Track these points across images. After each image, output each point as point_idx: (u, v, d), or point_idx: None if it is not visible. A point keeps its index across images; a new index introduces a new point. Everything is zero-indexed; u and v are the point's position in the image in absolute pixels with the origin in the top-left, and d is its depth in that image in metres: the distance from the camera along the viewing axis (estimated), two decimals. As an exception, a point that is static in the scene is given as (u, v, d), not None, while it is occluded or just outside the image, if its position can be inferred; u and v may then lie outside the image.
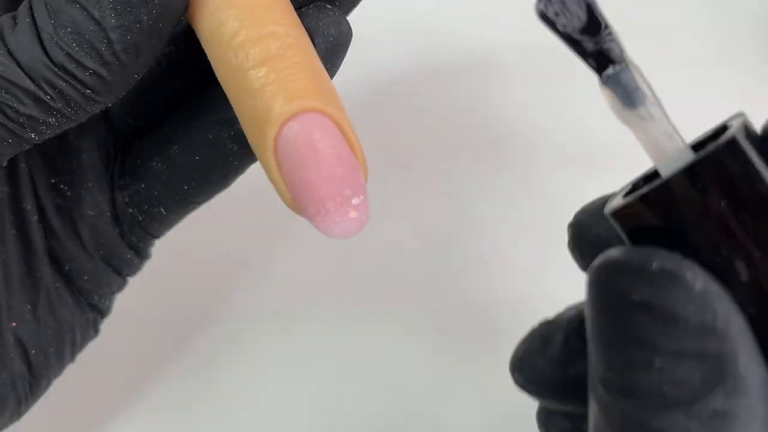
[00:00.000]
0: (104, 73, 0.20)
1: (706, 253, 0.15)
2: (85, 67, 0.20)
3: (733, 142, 0.15)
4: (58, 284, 0.26)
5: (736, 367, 0.14)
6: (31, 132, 0.21)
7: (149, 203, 0.26)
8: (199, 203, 0.27)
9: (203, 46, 0.21)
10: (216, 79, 0.21)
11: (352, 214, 0.19)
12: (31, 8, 0.20)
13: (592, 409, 0.16)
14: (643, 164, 0.37)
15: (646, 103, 0.16)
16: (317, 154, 0.19)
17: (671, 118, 0.17)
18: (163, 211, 0.26)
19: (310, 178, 0.19)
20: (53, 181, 0.25)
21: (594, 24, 0.16)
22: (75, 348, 0.27)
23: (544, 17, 0.17)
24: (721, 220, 0.14)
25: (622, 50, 0.16)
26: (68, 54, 0.19)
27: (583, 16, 0.16)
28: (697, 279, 0.15)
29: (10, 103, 0.20)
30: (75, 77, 0.20)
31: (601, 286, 0.16)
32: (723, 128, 0.16)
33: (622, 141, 0.39)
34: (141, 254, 0.28)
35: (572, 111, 0.40)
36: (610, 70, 0.17)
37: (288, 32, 0.20)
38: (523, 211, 0.38)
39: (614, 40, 0.16)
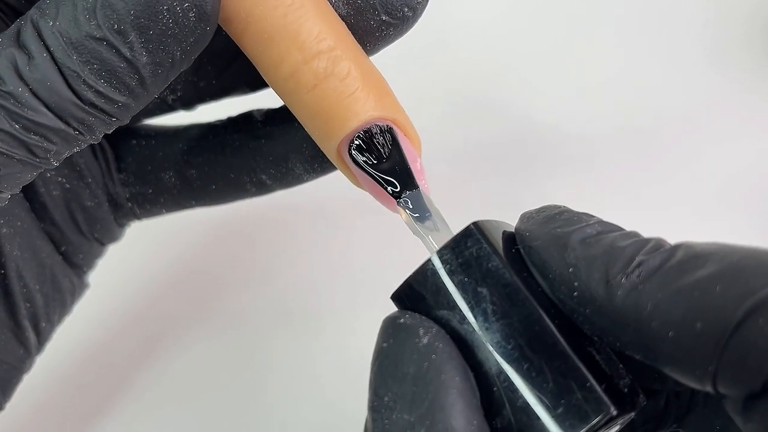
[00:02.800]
0: (133, 104, 0.20)
1: (455, 320, 0.18)
2: (114, 101, 0.19)
3: (469, 232, 0.18)
4: (59, 260, 0.26)
5: (440, 412, 0.16)
6: (54, 161, 0.20)
7: (152, 204, 0.27)
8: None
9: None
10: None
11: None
12: (43, 40, 0.19)
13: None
14: (643, 164, 0.38)
15: (432, 218, 0.21)
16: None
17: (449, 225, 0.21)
18: (163, 211, 0.27)
19: (375, 188, 0.21)
20: (49, 174, 0.25)
21: (397, 167, 0.21)
22: (72, 306, 0.28)
23: (355, 162, 0.21)
24: (470, 291, 0.18)
25: (414, 180, 0.21)
26: (97, 91, 0.19)
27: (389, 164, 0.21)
28: (427, 335, 0.17)
29: (40, 144, 0.19)
30: (104, 111, 0.19)
31: (377, 338, 0.18)
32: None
33: (622, 141, 0.39)
34: (124, 227, 0.29)
35: (573, 111, 0.40)
36: (405, 194, 0.21)
37: (333, 45, 0.20)
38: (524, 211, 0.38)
39: (406, 171, 0.21)
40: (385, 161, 0.21)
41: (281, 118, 0.25)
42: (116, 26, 0.18)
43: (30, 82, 0.18)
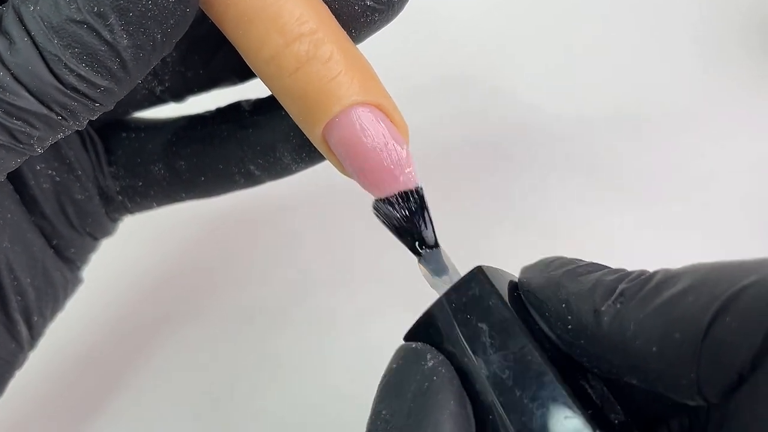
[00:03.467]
0: (115, 88, 0.20)
1: (458, 354, 0.19)
2: (96, 85, 0.19)
3: (473, 276, 0.20)
4: (50, 253, 0.26)
5: (431, 429, 0.17)
6: (38, 148, 0.20)
7: (143, 197, 0.27)
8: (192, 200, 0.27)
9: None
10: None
11: (401, 179, 0.21)
12: (24, 25, 0.19)
13: None
14: (640, 162, 0.38)
15: (448, 273, 0.22)
16: (360, 152, 0.21)
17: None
18: (154, 205, 0.27)
19: (358, 170, 0.21)
20: (38, 167, 0.25)
21: (418, 223, 0.22)
22: (65, 301, 0.28)
23: (378, 215, 0.22)
24: (471, 327, 0.19)
25: (434, 237, 0.22)
26: (79, 75, 0.19)
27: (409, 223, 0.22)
28: (433, 360, 0.19)
29: (22, 129, 0.19)
30: (86, 96, 0.19)
31: (390, 360, 0.20)
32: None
33: (622, 142, 0.39)
34: (117, 222, 0.29)
35: (569, 110, 0.40)
36: (425, 251, 0.22)
37: (315, 28, 0.20)
38: (524, 212, 0.38)
39: (429, 231, 0.22)
40: (409, 219, 0.22)
41: (268, 107, 0.25)
42: (96, 8, 0.18)
43: (11, 66, 0.18)
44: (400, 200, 0.21)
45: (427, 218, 0.22)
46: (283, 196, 0.37)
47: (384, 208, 0.22)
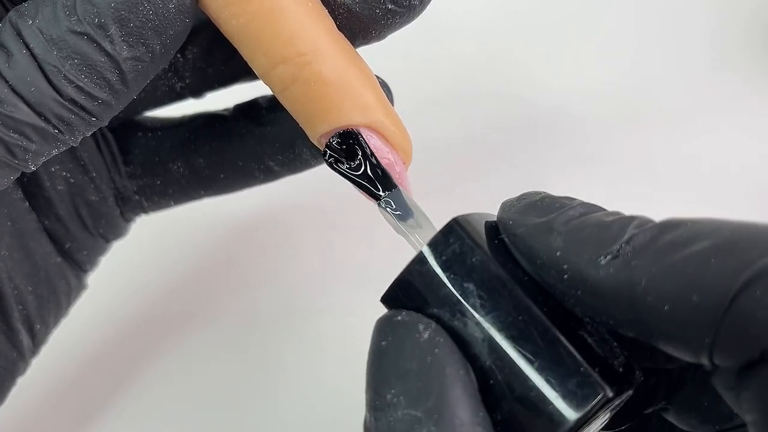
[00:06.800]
0: (113, 101, 0.20)
1: (446, 317, 0.18)
2: (94, 98, 0.19)
3: (451, 228, 0.18)
4: (58, 260, 0.26)
5: (447, 406, 0.16)
6: (32, 164, 0.20)
7: (160, 196, 0.27)
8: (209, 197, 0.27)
9: None
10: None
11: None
12: (23, 38, 0.19)
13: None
14: (645, 164, 0.38)
15: (413, 215, 0.21)
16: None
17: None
18: (172, 203, 0.27)
19: None
20: (53, 169, 0.25)
21: (376, 169, 0.21)
22: (69, 308, 0.28)
23: (333, 169, 0.21)
24: (457, 287, 0.18)
25: (392, 180, 0.21)
26: (78, 87, 0.19)
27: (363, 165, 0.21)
28: (427, 330, 0.17)
29: (19, 143, 0.19)
30: (84, 108, 0.19)
31: (372, 338, 0.18)
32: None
33: (626, 142, 0.39)
34: (130, 222, 0.29)
35: (573, 111, 0.40)
36: (385, 194, 0.21)
37: (303, 50, 0.20)
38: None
39: (380, 173, 0.21)
40: (360, 165, 0.21)
41: None
42: (96, 20, 0.18)
43: (9, 78, 0.19)
44: (337, 145, 0.21)
45: (375, 159, 0.21)
46: (284, 197, 0.37)
47: (332, 155, 0.21)
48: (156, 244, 0.30)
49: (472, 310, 0.17)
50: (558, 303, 0.18)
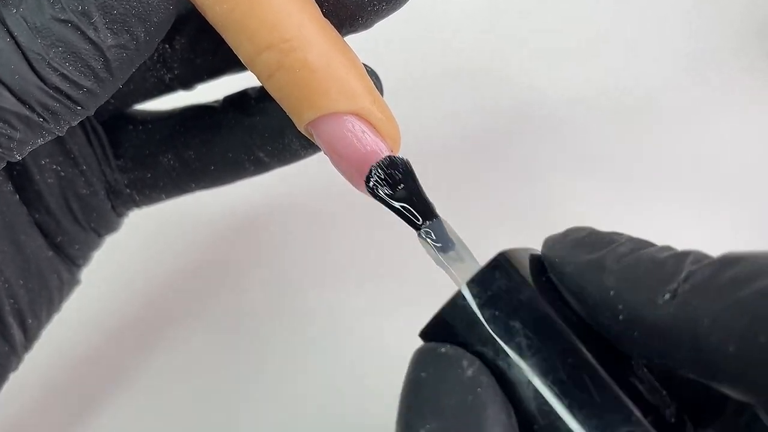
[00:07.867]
0: (98, 89, 0.20)
1: (492, 356, 0.17)
2: (79, 86, 0.19)
3: (497, 264, 0.18)
4: (50, 254, 0.26)
5: None
6: (17, 153, 0.20)
7: (152, 189, 0.27)
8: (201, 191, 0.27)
9: None
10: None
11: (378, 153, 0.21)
12: (6, 26, 0.19)
13: None
14: (642, 163, 0.37)
15: (455, 248, 0.20)
16: (335, 158, 0.21)
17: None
18: (163, 197, 0.27)
19: (340, 171, 0.22)
20: (43, 162, 0.25)
21: (414, 197, 0.21)
22: (61, 303, 0.27)
23: (373, 194, 0.21)
24: (502, 325, 0.17)
25: (433, 209, 0.20)
26: (62, 75, 0.19)
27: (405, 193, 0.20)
28: (471, 368, 0.17)
29: (3, 131, 0.19)
30: (68, 96, 0.19)
31: (410, 367, 0.17)
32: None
33: (626, 141, 0.39)
34: (123, 216, 0.28)
35: (573, 110, 0.40)
36: (426, 224, 0.20)
37: (288, 36, 0.20)
38: (524, 210, 0.37)
39: (423, 201, 0.21)
40: (400, 192, 0.20)
41: None
42: (80, 7, 0.18)
43: None
44: (381, 171, 0.20)
45: (418, 187, 0.20)
46: (279, 196, 0.37)
47: (374, 181, 0.20)
48: (150, 242, 0.30)
49: (517, 351, 0.17)
50: (607, 346, 0.17)
